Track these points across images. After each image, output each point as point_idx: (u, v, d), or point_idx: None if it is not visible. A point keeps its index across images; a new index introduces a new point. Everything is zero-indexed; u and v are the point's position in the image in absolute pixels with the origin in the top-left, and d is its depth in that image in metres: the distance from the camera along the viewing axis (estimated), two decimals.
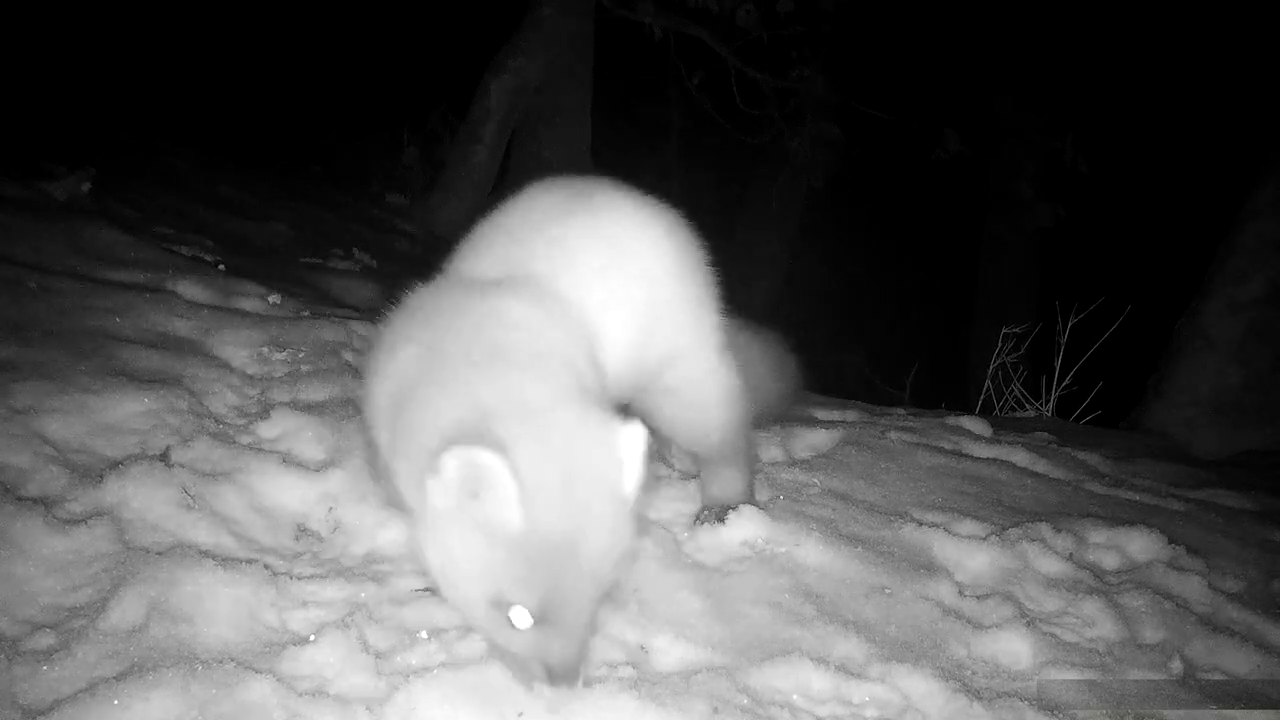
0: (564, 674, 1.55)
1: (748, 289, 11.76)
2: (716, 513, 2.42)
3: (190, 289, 3.59)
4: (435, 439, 1.53)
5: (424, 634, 1.90)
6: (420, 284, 1.97)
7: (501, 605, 1.52)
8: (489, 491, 1.46)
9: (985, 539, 2.66)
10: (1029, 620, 2.31)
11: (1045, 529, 2.77)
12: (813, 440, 3.24)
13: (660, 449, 2.79)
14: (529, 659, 1.56)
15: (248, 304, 3.59)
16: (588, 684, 1.65)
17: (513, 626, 1.53)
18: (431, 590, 1.95)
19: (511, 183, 7.70)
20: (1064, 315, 5.59)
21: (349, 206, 7.78)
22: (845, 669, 2.00)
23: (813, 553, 2.40)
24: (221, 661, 1.69)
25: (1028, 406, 5.59)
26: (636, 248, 2.10)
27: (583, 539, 1.50)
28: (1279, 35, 7.47)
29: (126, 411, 2.48)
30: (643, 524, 1.70)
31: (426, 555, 1.58)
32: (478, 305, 1.82)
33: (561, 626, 1.52)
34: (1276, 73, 6.91)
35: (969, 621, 2.29)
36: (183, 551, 1.97)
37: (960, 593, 2.42)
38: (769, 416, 2.86)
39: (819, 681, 1.95)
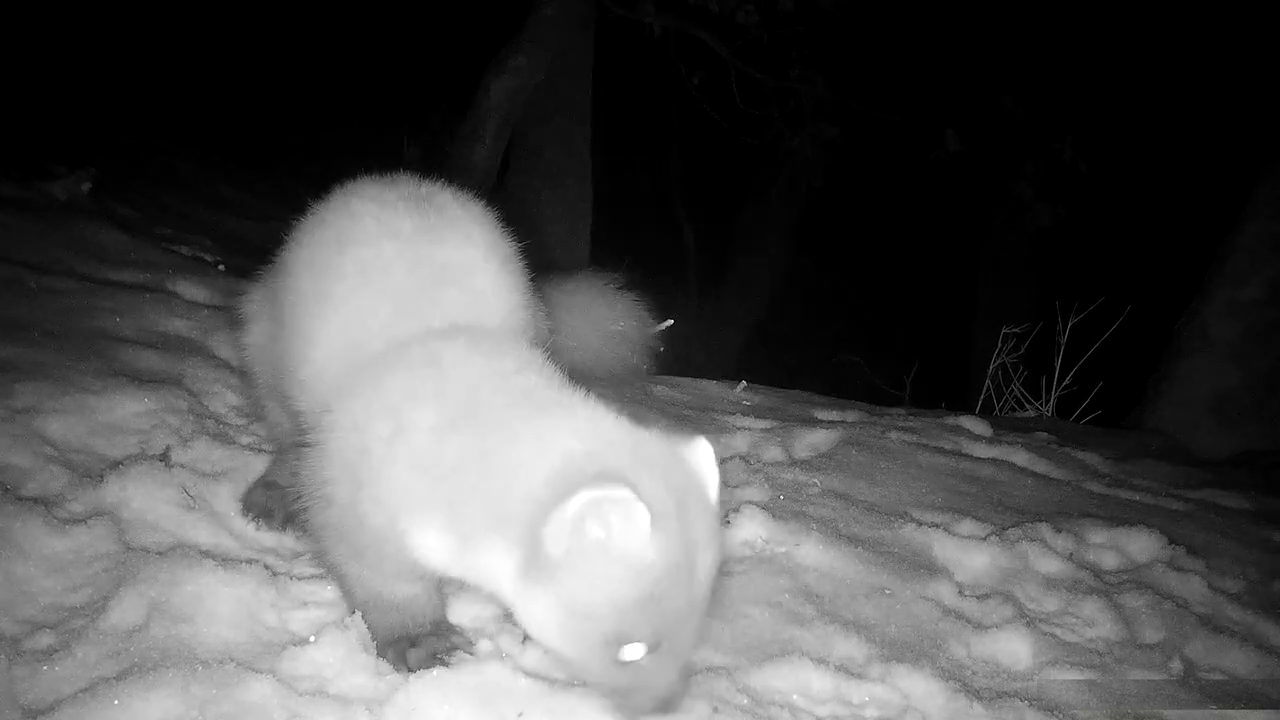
0: (673, 701, 1.53)
1: (748, 288, 11.79)
2: None
3: (190, 289, 3.59)
4: (544, 488, 1.48)
5: None
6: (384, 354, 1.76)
7: (619, 644, 1.47)
8: (621, 527, 1.42)
9: (985, 539, 2.66)
10: (1029, 620, 2.32)
11: (1045, 529, 2.77)
12: (813, 440, 3.24)
13: None
14: (637, 691, 1.51)
15: None
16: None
17: (624, 665, 1.48)
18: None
19: (512, 182, 7.71)
20: (1064, 315, 5.59)
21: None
22: (845, 669, 2.00)
23: (813, 553, 2.40)
24: (222, 661, 1.69)
25: (1028, 406, 5.59)
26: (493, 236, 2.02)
27: (695, 562, 1.48)
28: (1279, 35, 7.46)
29: (126, 411, 2.48)
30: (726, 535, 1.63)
31: (533, 610, 1.51)
32: (486, 360, 1.71)
33: (672, 653, 1.50)
34: (1276, 73, 6.91)
35: (969, 621, 2.29)
36: (183, 551, 1.97)
37: (960, 593, 2.42)
38: (624, 362, 2.79)
39: (819, 682, 1.95)
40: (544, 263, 2.19)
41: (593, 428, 1.58)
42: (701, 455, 1.58)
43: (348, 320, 1.82)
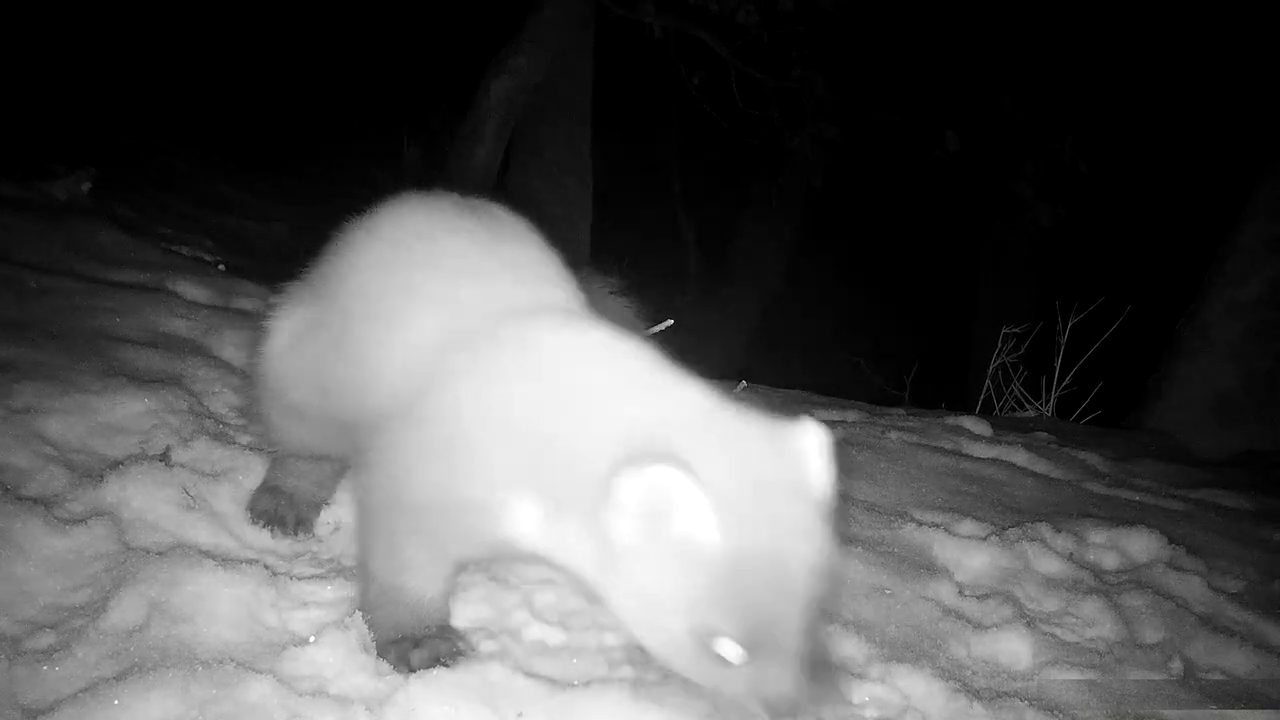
0: (784, 708, 1.39)
1: (748, 288, 11.79)
2: None
3: (190, 289, 3.59)
4: (605, 469, 1.40)
5: None
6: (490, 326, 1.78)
7: (707, 639, 1.38)
8: (678, 511, 1.34)
9: (985, 539, 2.66)
10: (1029, 620, 2.32)
11: (1045, 529, 2.77)
12: None
13: None
14: (745, 697, 1.40)
15: (248, 304, 3.58)
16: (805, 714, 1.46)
17: (723, 663, 1.38)
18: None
19: (512, 182, 7.71)
20: (1064, 315, 5.59)
21: (350, 207, 7.80)
22: (845, 669, 2.00)
23: None
24: (222, 662, 1.69)
25: (1028, 406, 5.59)
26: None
27: (786, 551, 1.37)
28: (1279, 35, 7.47)
29: (126, 411, 2.48)
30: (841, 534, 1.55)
31: (614, 599, 1.46)
32: (582, 337, 1.73)
33: (775, 654, 1.38)
34: (1276, 73, 6.91)
35: (969, 621, 2.29)
36: (183, 551, 1.97)
37: (960, 593, 2.42)
38: None
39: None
40: None
41: (667, 406, 1.51)
42: (806, 438, 1.46)
43: (438, 306, 1.84)
